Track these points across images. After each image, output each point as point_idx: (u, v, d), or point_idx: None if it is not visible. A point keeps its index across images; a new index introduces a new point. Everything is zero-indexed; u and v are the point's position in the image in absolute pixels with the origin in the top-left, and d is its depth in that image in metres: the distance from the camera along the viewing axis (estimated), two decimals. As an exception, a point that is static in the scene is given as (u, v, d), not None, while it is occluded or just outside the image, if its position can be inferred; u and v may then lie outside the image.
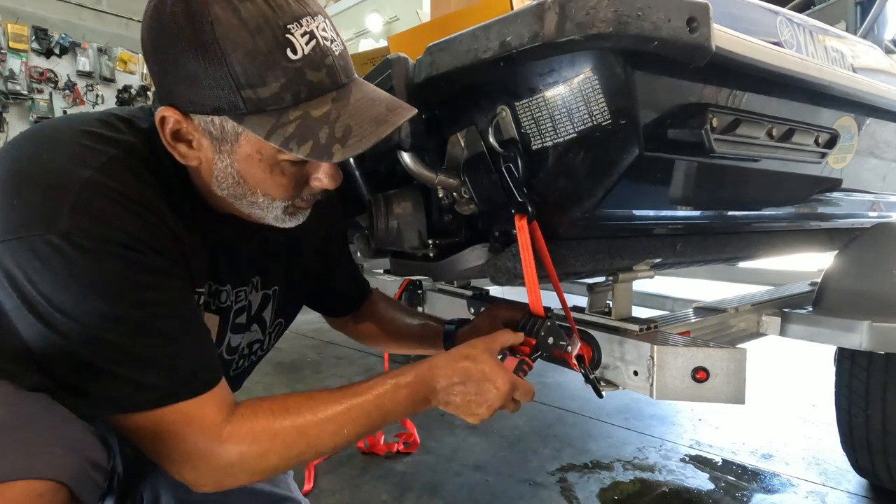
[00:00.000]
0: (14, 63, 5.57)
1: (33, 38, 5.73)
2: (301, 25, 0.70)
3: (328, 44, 0.73)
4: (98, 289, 0.68)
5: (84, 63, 6.09)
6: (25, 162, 0.71)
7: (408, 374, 0.86)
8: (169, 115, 0.73)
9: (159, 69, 0.72)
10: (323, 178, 0.81)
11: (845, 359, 1.69)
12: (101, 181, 0.70)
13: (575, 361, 1.04)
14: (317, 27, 0.72)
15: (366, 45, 2.81)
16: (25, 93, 5.66)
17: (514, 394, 0.90)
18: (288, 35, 0.69)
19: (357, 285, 1.32)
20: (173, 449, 0.75)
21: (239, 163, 0.77)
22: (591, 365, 1.11)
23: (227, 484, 0.78)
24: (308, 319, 1.29)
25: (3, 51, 5.50)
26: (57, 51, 5.87)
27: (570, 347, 1.01)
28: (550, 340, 0.98)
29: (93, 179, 0.69)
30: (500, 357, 0.92)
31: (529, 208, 0.92)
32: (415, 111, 0.80)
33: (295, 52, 0.69)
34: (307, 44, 0.70)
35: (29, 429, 0.63)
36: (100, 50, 6.21)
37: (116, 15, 6.39)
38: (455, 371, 0.86)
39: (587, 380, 1.09)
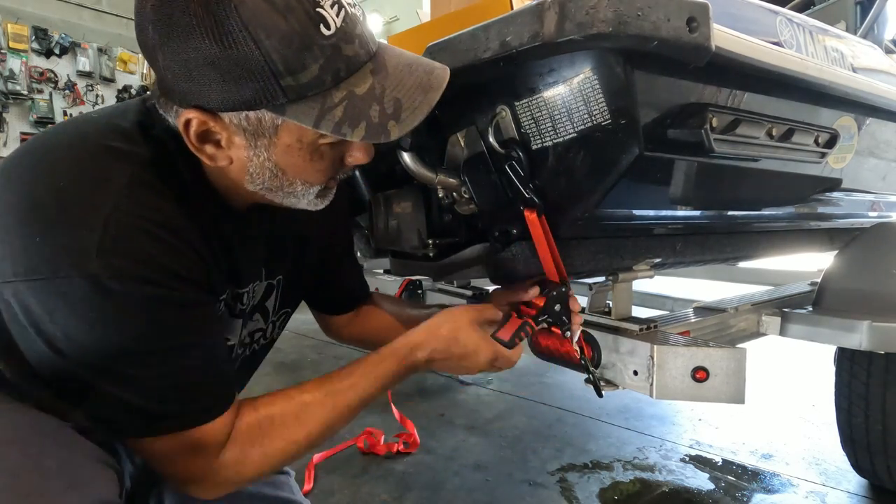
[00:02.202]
0: (14, 63, 5.57)
1: (33, 38, 5.73)
2: None
3: (354, 10, 0.68)
4: (123, 329, 0.67)
5: (84, 63, 6.08)
6: (43, 192, 0.66)
7: (389, 360, 0.90)
8: (193, 118, 0.67)
9: (173, 68, 0.64)
10: (357, 153, 0.78)
11: (845, 359, 1.69)
12: (125, 210, 0.66)
13: (576, 348, 1.04)
14: None
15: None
16: (25, 93, 5.66)
17: (496, 363, 0.94)
18: (318, 9, 0.63)
19: (359, 283, 1.28)
20: (181, 468, 0.76)
21: (277, 155, 0.73)
22: (591, 362, 1.11)
23: (222, 493, 0.81)
24: (308, 319, 1.28)
25: (3, 51, 5.50)
26: (57, 51, 5.87)
27: (568, 332, 1.01)
28: (557, 307, 0.99)
29: (117, 210, 0.66)
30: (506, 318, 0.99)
31: (538, 201, 0.92)
32: (449, 70, 0.77)
33: (328, 27, 0.64)
34: (337, 15, 0.65)
35: (42, 475, 0.62)
36: (100, 50, 6.21)
37: (116, 15, 6.39)
38: (436, 348, 0.91)
39: (587, 379, 1.09)
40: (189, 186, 0.76)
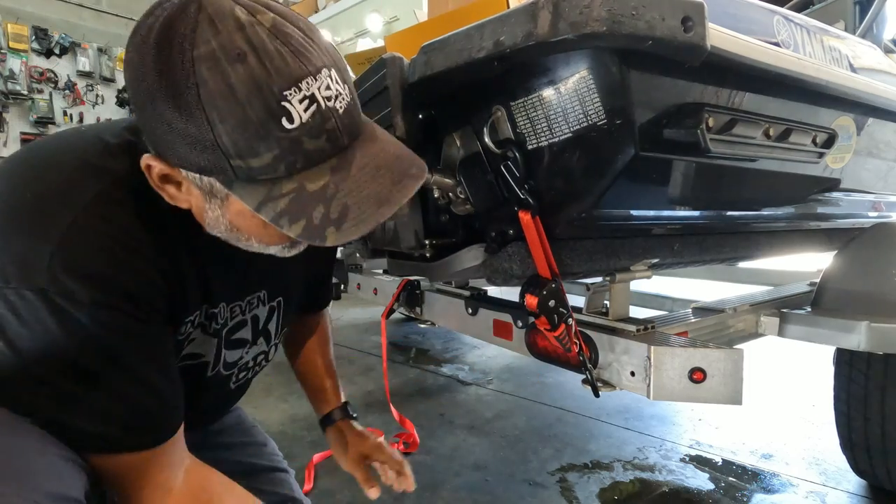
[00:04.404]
0: (14, 63, 5.59)
1: (33, 38, 5.74)
2: (300, 90, 0.61)
3: (331, 103, 0.65)
4: (65, 349, 0.65)
5: (84, 63, 6.10)
6: (12, 200, 0.68)
7: None
8: (154, 165, 0.68)
9: (142, 117, 0.65)
10: None
11: (844, 360, 1.68)
12: (83, 226, 0.66)
13: (575, 341, 1.03)
14: (319, 87, 0.63)
15: (365, 44, 2.81)
16: (25, 93, 5.67)
17: None
18: (284, 103, 0.60)
19: (322, 296, 1.31)
20: (121, 489, 0.75)
21: (231, 216, 0.71)
22: (589, 361, 1.11)
23: None
24: (305, 320, 1.29)
25: (3, 51, 5.52)
26: (57, 51, 5.88)
27: (570, 319, 1.00)
28: (552, 303, 0.98)
29: (75, 226, 0.65)
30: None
31: (532, 202, 0.91)
32: (424, 177, 0.72)
33: (291, 121, 0.61)
34: (306, 111, 0.62)
35: None
36: (100, 50, 6.22)
37: (116, 15, 6.40)
38: None
39: (585, 379, 1.09)
40: (163, 204, 0.74)
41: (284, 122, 0.61)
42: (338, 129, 0.66)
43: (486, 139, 0.93)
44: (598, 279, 1.30)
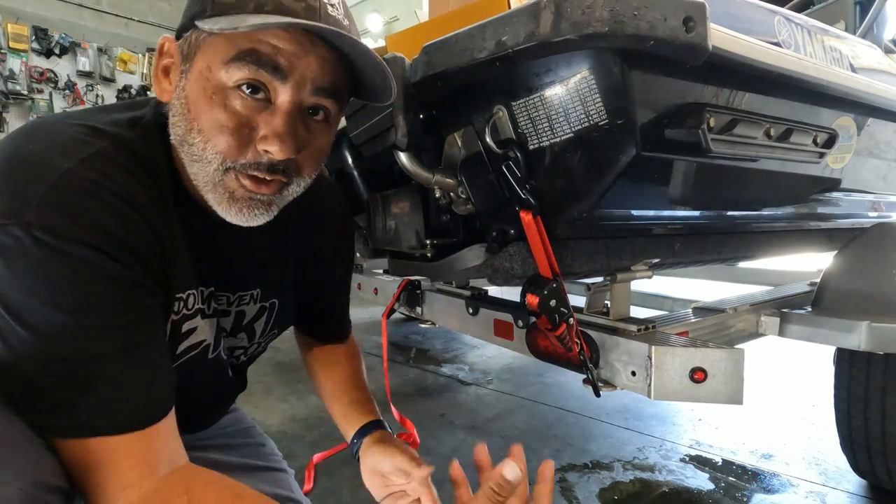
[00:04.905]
0: (14, 63, 5.59)
1: (33, 38, 5.74)
2: None
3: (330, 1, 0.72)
4: (47, 291, 0.63)
5: (84, 63, 6.10)
6: (12, 153, 0.67)
7: None
8: (166, 43, 0.76)
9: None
10: (269, 135, 0.71)
11: (844, 360, 1.69)
12: (81, 174, 0.65)
13: (577, 341, 1.03)
14: None
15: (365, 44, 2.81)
16: (25, 93, 5.67)
17: None
18: None
19: (338, 322, 1.27)
20: (87, 487, 0.67)
21: (190, 84, 0.72)
22: (590, 360, 1.11)
23: None
24: (307, 321, 1.28)
25: (3, 51, 5.51)
26: (57, 51, 5.88)
27: (571, 319, 1.00)
28: (553, 303, 0.98)
29: (72, 171, 0.65)
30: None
31: (533, 202, 0.91)
32: (383, 67, 0.77)
33: None
34: None
35: None
36: (100, 50, 6.22)
37: (116, 15, 6.40)
38: None
39: (586, 379, 1.09)
40: (163, 176, 0.76)
41: None
42: (319, 11, 0.71)
43: (488, 139, 0.94)
44: (599, 279, 1.31)
